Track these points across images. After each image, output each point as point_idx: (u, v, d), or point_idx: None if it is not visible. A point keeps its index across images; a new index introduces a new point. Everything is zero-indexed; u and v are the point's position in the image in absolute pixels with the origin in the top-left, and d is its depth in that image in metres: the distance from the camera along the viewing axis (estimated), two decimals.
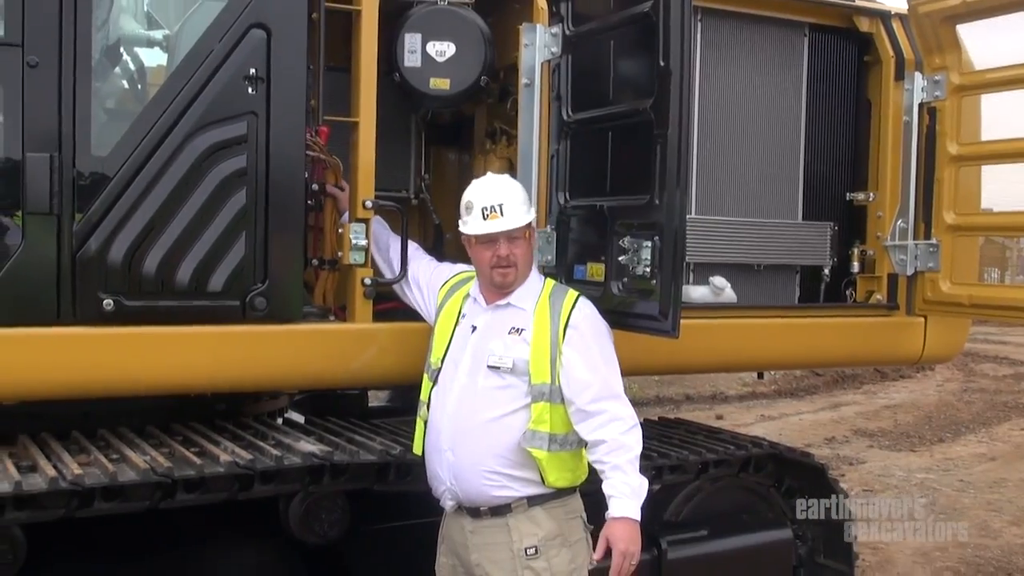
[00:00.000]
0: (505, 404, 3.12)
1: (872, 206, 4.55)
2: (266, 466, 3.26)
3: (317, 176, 3.59)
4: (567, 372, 3.08)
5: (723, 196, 4.29)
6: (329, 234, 3.64)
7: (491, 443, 3.12)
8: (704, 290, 4.14)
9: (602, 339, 3.18)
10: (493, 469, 3.11)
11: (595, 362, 3.10)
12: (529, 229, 3.26)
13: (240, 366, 3.36)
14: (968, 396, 13.88)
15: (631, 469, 3.02)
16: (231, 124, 3.25)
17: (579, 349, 3.10)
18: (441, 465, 3.21)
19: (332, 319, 3.61)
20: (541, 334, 3.12)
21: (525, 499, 3.13)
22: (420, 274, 3.58)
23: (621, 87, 3.53)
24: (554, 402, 3.09)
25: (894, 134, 4.45)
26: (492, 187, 3.27)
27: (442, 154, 4.60)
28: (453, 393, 3.21)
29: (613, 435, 3.03)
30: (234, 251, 3.27)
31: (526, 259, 3.26)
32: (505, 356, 3.13)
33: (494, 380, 3.14)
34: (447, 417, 3.20)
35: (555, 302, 3.18)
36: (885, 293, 4.51)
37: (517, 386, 3.12)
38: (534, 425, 3.09)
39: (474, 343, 3.23)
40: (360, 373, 3.62)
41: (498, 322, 3.22)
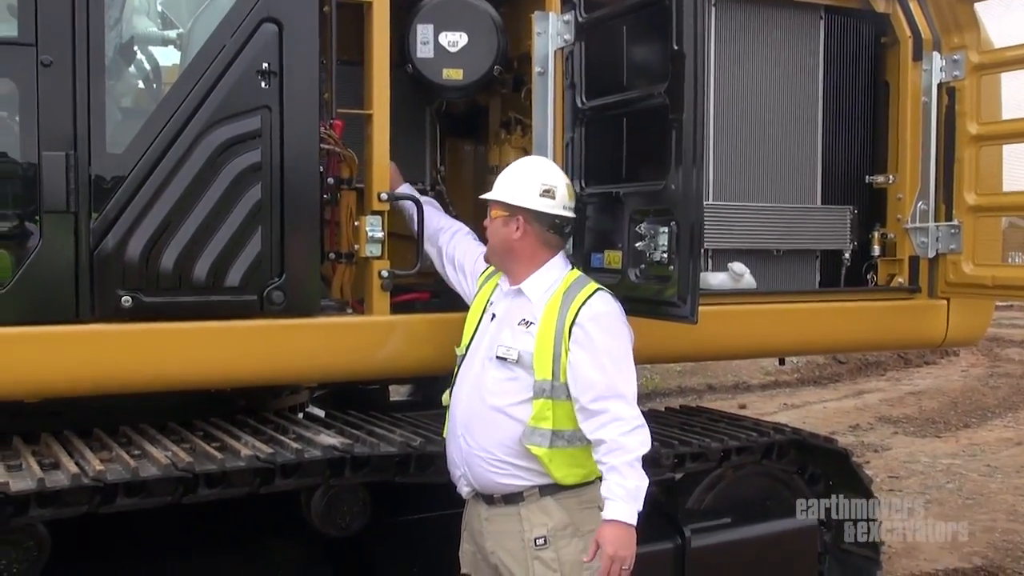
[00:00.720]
0: (513, 394, 3.11)
1: (892, 188, 4.51)
2: (287, 460, 3.27)
3: (332, 170, 3.59)
4: (573, 370, 3.05)
5: (740, 182, 4.26)
6: (345, 227, 3.65)
7: (498, 432, 3.12)
8: (723, 276, 4.12)
9: (613, 338, 3.10)
10: (500, 458, 3.12)
11: (602, 362, 3.04)
12: (500, 212, 3.21)
13: (259, 360, 3.36)
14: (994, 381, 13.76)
15: (628, 471, 2.96)
16: (245, 119, 3.25)
17: (586, 348, 3.05)
18: (456, 451, 3.24)
19: (350, 312, 3.61)
20: (546, 329, 3.09)
21: (537, 488, 3.12)
22: (467, 258, 3.56)
23: (635, 73, 3.51)
24: (557, 399, 3.06)
25: (913, 115, 4.41)
26: (516, 162, 3.34)
27: (457, 145, 4.58)
28: (468, 380, 3.23)
29: (613, 435, 2.98)
30: (251, 246, 3.28)
31: (494, 240, 3.25)
32: (512, 348, 3.12)
33: (503, 371, 3.14)
34: (461, 404, 3.22)
35: (568, 297, 3.12)
36: (907, 276, 4.47)
37: (523, 378, 3.11)
38: (534, 422, 3.07)
39: (491, 332, 3.24)
40: (379, 365, 3.62)
41: (512, 311, 3.22)
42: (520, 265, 3.23)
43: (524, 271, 3.23)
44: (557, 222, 3.23)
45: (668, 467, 4.07)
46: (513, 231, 3.21)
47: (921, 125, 4.39)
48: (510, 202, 3.20)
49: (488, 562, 3.21)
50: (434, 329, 3.60)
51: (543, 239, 3.23)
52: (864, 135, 4.61)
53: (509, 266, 3.26)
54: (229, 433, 3.55)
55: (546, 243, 3.24)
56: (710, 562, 4.19)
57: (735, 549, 4.29)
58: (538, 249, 3.23)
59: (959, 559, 6.34)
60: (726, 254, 4.20)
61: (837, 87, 4.51)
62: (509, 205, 3.20)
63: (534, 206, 3.20)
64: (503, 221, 3.22)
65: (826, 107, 4.45)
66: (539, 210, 3.19)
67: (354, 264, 3.64)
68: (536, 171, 3.27)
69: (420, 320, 3.63)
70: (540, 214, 3.20)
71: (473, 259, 3.55)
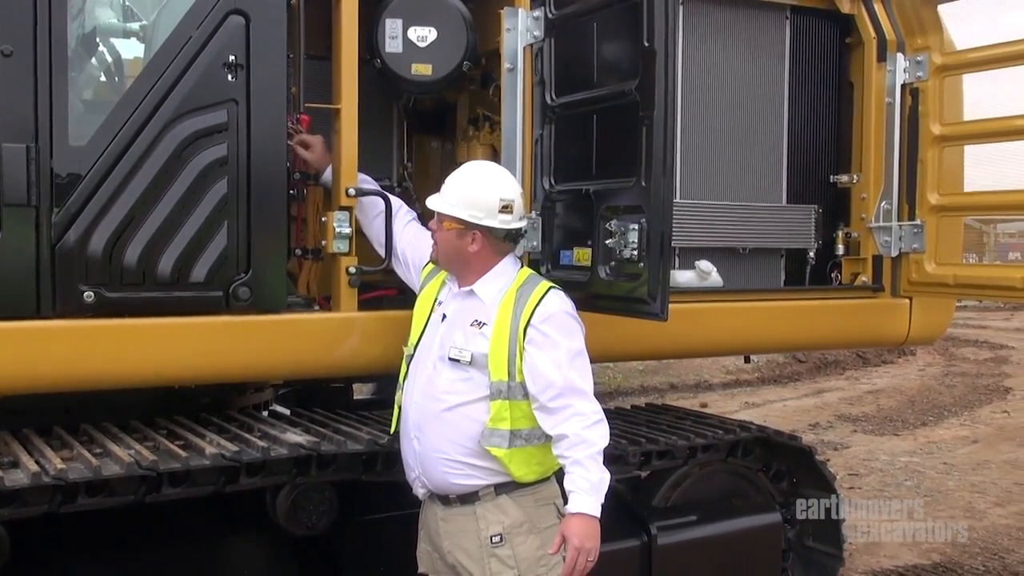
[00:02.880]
0: (466, 393, 3.10)
1: (856, 188, 4.55)
2: (252, 458, 3.24)
3: (299, 165, 3.56)
4: (530, 369, 3.04)
5: (708, 180, 4.28)
6: (312, 223, 3.62)
7: (453, 432, 3.10)
8: (690, 274, 4.14)
9: (568, 335, 3.08)
10: (455, 458, 3.10)
11: (559, 359, 3.04)
12: (454, 225, 3.14)
13: (224, 357, 3.33)
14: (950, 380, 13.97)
15: (592, 464, 2.97)
16: (211, 112, 3.22)
17: (542, 347, 3.04)
18: (410, 452, 3.22)
19: (316, 309, 3.60)
20: (500, 330, 3.08)
21: (492, 487, 3.12)
22: (409, 249, 3.54)
23: (605, 69, 3.51)
24: (514, 399, 3.06)
25: (877, 116, 4.46)
26: (458, 171, 3.26)
27: (424, 142, 4.57)
28: (420, 381, 3.20)
29: (575, 430, 2.99)
30: (216, 241, 3.25)
31: (444, 248, 3.19)
32: (464, 350, 3.10)
33: (456, 371, 3.12)
34: (414, 404, 3.20)
35: (521, 296, 3.11)
36: (870, 275, 4.52)
37: (477, 378, 3.09)
38: (492, 423, 3.06)
39: (442, 333, 3.20)
40: (345, 363, 3.59)
41: (464, 312, 3.19)
42: (471, 271, 3.20)
43: (475, 275, 3.20)
44: (513, 232, 3.20)
45: (634, 465, 4.08)
46: (468, 243, 3.15)
47: (885, 125, 4.44)
48: (468, 220, 3.13)
49: (445, 562, 3.20)
50: (401, 327, 3.56)
51: (496, 248, 3.19)
52: (829, 135, 4.65)
53: (460, 272, 3.23)
54: (193, 431, 3.52)
55: (499, 251, 3.20)
56: (676, 559, 4.21)
57: (701, 546, 4.31)
58: (491, 257, 3.19)
59: (918, 555, 6.43)
60: (693, 252, 4.22)
61: (803, 87, 4.55)
62: (464, 220, 3.13)
63: (494, 223, 3.14)
64: (457, 234, 3.15)
65: (792, 107, 4.49)
66: (497, 227, 3.15)
67: (321, 260, 3.62)
68: (494, 185, 3.18)
69: (387, 317, 3.61)
70: (498, 229, 3.15)
71: (416, 251, 3.52)
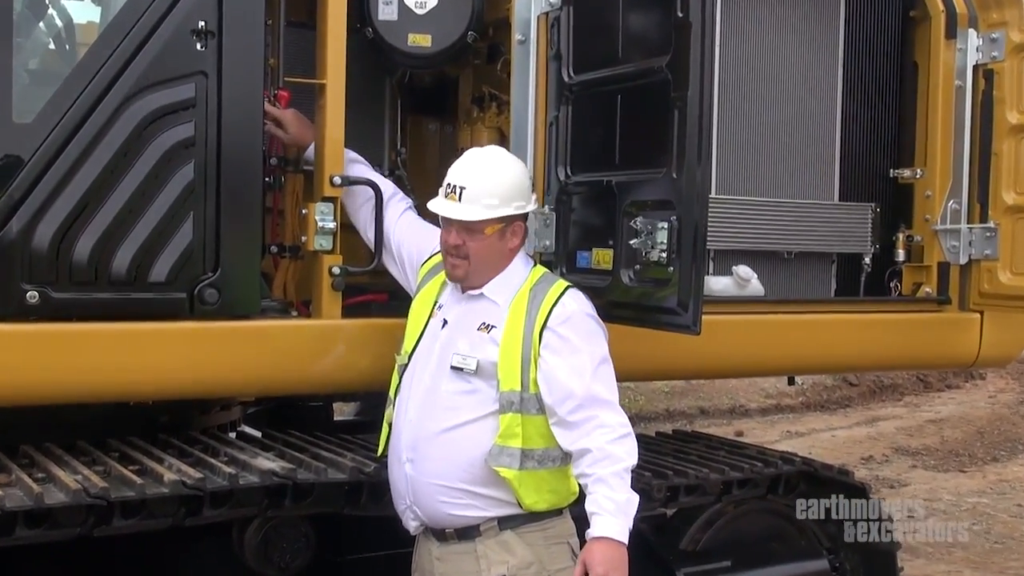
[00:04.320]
0: (470, 410, 3.11)
1: (919, 184, 4.54)
2: (218, 486, 3.24)
3: (276, 148, 3.57)
4: (546, 379, 3.06)
5: (748, 173, 4.27)
6: (291, 216, 3.62)
7: (453, 454, 3.10)
8: (727, 281, 4.13)
9: (589, 339, 3.12)
10: (454, 485, 3.09)
11: (580, 366, 3.06)
12: (496, 226, 3.17)
13: (187, 369, 3.33)
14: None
15: (618, 483, 2.96)
16: (176, 86, 3.22)
17: (560, 352, 3.07)
18: (401, 478, 3.21)
19: (294, 315, 3.59)
20: (512, 333, 3.10)
21: (496, 520, 3.11)
22: (404, 242, 3.55)
23: (632, 43, 3.50)
24: (527, 412, 3.07)
25: (944, 101, 4.45)
26: (469, 163, 3.25)
27: (421, 124, 4.57)
28: (416, 395, 3.21)
29: (599, 443, 2.99)
30: (180, 235, 3.25)
31: (483, 257, 3.19)
32: (470, 357, 3.12)
33: (458, 383, 3.13)
34: (408, 422, 3.20)
35: (536, 296, 3.14)
36: (935, 285, 4.50)
37: (484, 391, 3.10)
38: (502, 440, 3.06)
39: (443, 340, 3.22)
40: (326, 377, 3.59)
41: (469, 316, 3.20)
42: (495, 270, 3.23)
43: (490, 275, 3.22)
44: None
45: (660, 501, 4.07)
46: (510, 240, 3.23)
47: (954, 112, 4.43)
48: (516, 213, 3.20)
49: None
50: (391, 336, 3.56)
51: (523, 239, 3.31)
52: (889, 123, 4.64)
53: (487, 277, 3.23)
54: (150, 454, 3.51)
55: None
56: None
57: None
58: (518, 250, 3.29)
59: None
60: (730, 256, 4.20)
61: (859, 68, 4.54)
62: (507, 216, 3.18)
63: (534, 207, 3.28)
64: (499, 235, 3.18)
65: (846, 90, 4.48)
66: (532, 210, 3.27)
67: (300, 259, 3.63)
68: (515, 165, 3.29)
69: (376, 326, 3.61)
70: (527, 214, 3.26)
71: (413, 246, 3.53)
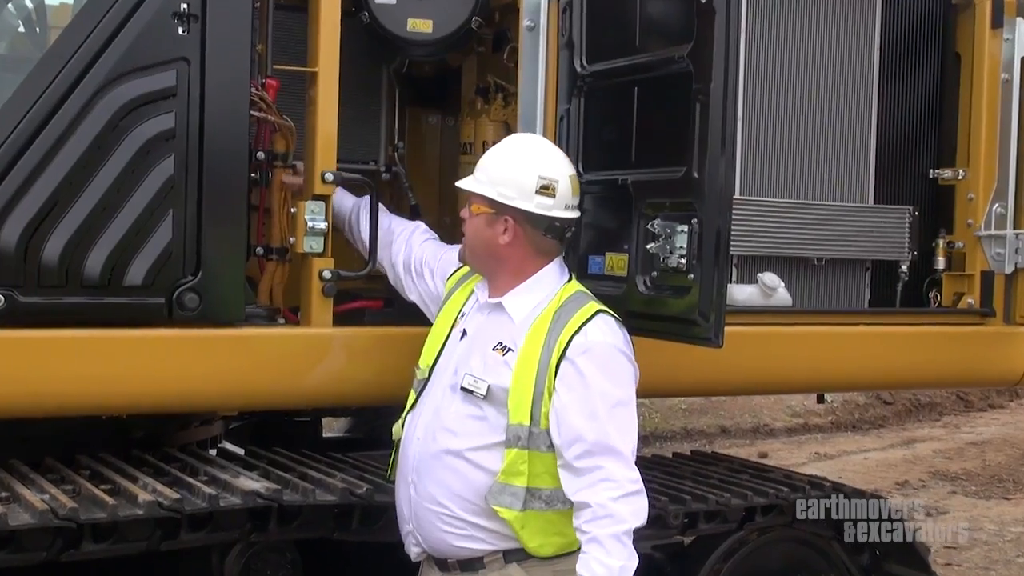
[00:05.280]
0: (477, 436, 3.07)
1: (962, 186, 4.55)
2: (197, 508, 3.23)
3: (263, 141, 3.57)
4: (557, 416, 2.99)
5: (775, 173, 4.29)
6: (279, 215, 3.63)
7: (456, 481, 3.07)
8: (751, 289, 4.13)
9: (609, 376, 3.03)
10: (456, 514, 3.07)
11: (593, 407, 2.98)
12: (484, 208, 3.14)
13: (164, 380, 3.34)
14: None
15: (614, 546, 2.90)
16: (156, 73, 3.23)
17: (574, 388, 2.99)
18: (405, 499, 3.21)
19: (282, 322, 3.60)
20: (527, 361, 3.03)
21: (501, 553, 3.08)
22: (428, 257, 3.54)
23: (651, 30, 3.51)
24: (536, 449, 3.01)
25: (990, 95, 4.47)
26: (507, 144, 3.30)
27: (421, 116, 4.59)
28: (426, 412, 3.19)
29: (600, 499, 2.92)
30: (158, 235, 3.25)
31: (472, 239, 3.20)
32: (481, 380, 3.07)
33: (467, 406, 3.09)
34: (415, 440, 3.18)
35: (559, 321, 3.06)
36: (977, 296, 4.52)
37: (493, 418, 3.06)
38: (505, 477, 3.01)
39: (459, 354, 3.19)
40: (315, 391, 3.60)
41: (488, 330, 3.17)
42: (504, 273, 3.18)
43: (508, 281, 3.18)
44: (556, 225, 3.16)
45: (676, 528, 4.06)
46: (499, 233, 3.13)
47: (1000, 108, 4.44)
48: (497, 199, 3.12)
49: None
50: (387, 347, 3.59)
51: (536, 245, 3.16)
52: (929, 119, 4.66)
53: (491, 272, 3.22)
54: (123, 473, 3.51)
55: (540, 250, 3.17)
56: None
57: None
58: (529, 257, 3.17)
59: None
60: (755, 262, 4.21)
61: (897, 59, 4.56)
62: (495, 202, 3.13)
63: (527, 207, 3.11)
64: (486, 220, 3.14)
65: (882, 83, 4.49)
66: (533, 212, 3.12)
67: (288, 262, 3.63)
68: (533, 159, 3.17)
69: (369, 335, 3.62)
70: (535, 216, 3.13)
71: (437, 257, 3.54)
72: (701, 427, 12.34)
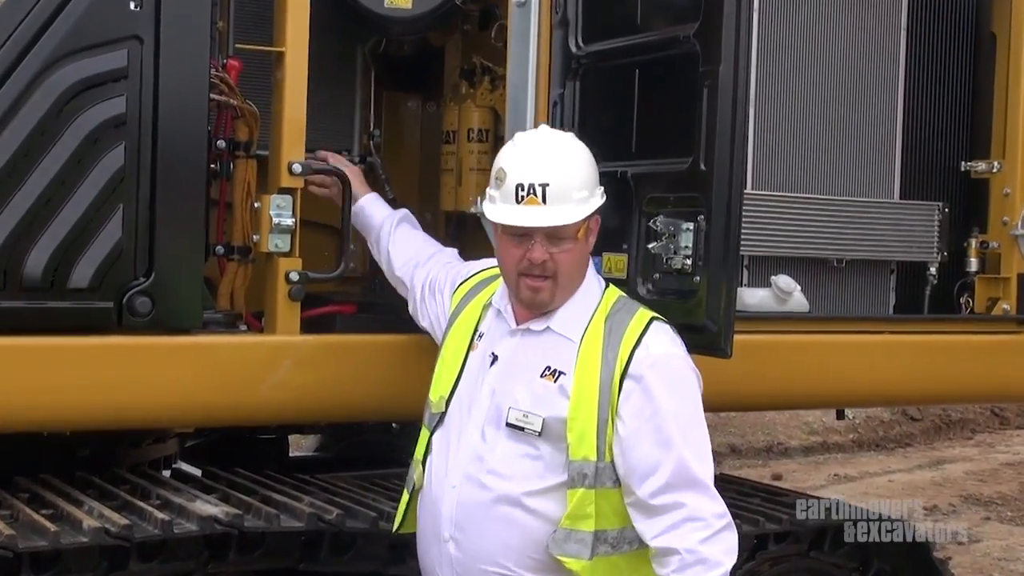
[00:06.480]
0: (534, 479, 2.91)
1: (997, 180, 4.58)
2: (148, 535, 3.22)
3: (224, 129, 3.57)
4: (623, 446, 2.85)
5: (791, 165, 4.30)
6: (241, 210, 3.62)
7: (514, 534, 2.91)
8: (764, 294, 4.14)
9: (681, 394, 2.92)
10: (513, 571, 2.92)
11: (667, 433, 2.85)
12: (588, 224, 2.96)
13: (113, 393, 3.33)
14: None
15: None
16: (105, 53, 3.23)
17: (642, 412, 2.86)
18: (440, 561, 3.01)
19: (244, 329, 3.60)
20: (586, 385, 2.89)
21: None
22: (442, 277, 3.41)
23: (654, 7, 3.54)
24: (602, 486, 2.88)
25: None
26: (540, 153, 2.98)
27: (399, 101, 4.61)
28: (462, 455, 3.00)
29: (690, 543, 2.78)
30: (107, 232, 3.25)
31: (573, 268, 2.97)
32: (533, 414, 2.91)
33: (518, 445, 2.93)
34: (450, 489, 2.99)
35: (613, 331, 2.93)
36: (1013, 301, 4.53)
37: (551, 456, 2.90)
38: (570, 522, 2.87)
39: (494, 384, 3.02)
40: (281, 405, 3.60)
41: (530, 353, 3.00)
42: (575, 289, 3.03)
43: (562, 298, 3.00)
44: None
45: None
46: (590, 240, 3.00)
47: None
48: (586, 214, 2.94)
49: None
50: (360, 357, 3.59)
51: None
52: (961, 106, 4.68)
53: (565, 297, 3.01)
54: (67, 497, 3.51)
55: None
56: None
57: None
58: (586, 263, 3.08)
59: None
60: (768, 263, 4.23)
61: (926, 40, 4.57)
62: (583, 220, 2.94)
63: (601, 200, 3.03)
64: (585, 235, 2.96)
65: (910, 67, 4.51)
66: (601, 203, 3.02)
67: (252, 262, 3.63)
68: (579, 154, 3.04)
69: (340, 344, 3.62)
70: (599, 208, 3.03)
71: (449, 273, 3.41)
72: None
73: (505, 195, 2.93)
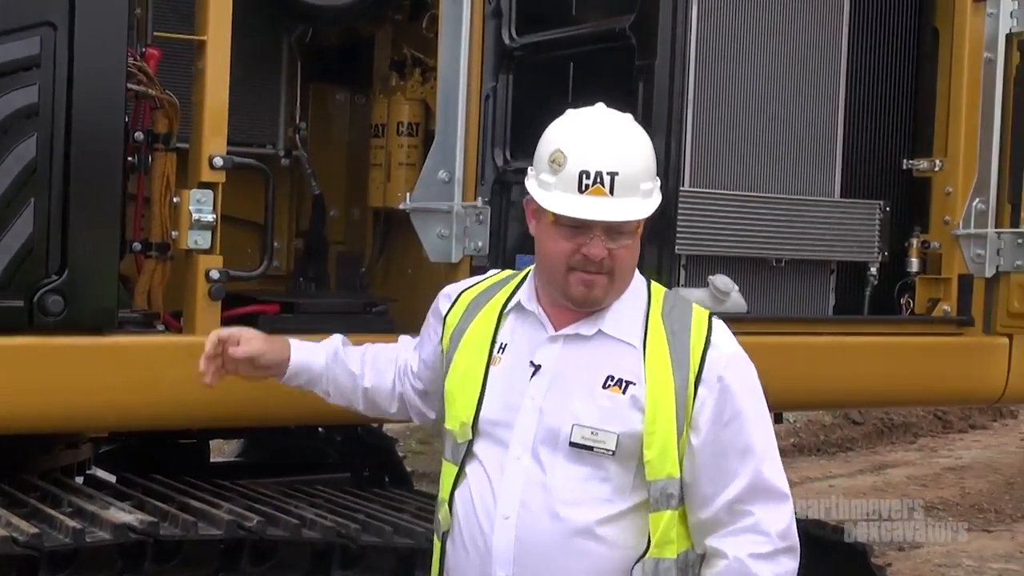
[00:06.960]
0: (606, 504, 2.66)
1: (939, 178, 4.61)
2: (58, 544, 3.20)
3: (142, 120, 3.56)
4: (700, 457, 2.64)
5: (729, 162, 4.32)
6: (159, 205, 3.60)
7: (583, 568, 2.66)
8: (700, 294, 4.15)
9: (754, 397, 2.72)
10: None
11: (747, 440, 2.67)
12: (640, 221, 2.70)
13: (23, 397, 3.31)
14: None
15: None
16: (16, 40, 3.20)
17: (720, 418, 2.65)
18: None
19: (162, 329, 3.59)
20: (662, 392, 2.65)
21: None
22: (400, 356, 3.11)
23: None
24: (681, 505, 2.69)
25: (971, 77, 4.53)
26: (605, 137, 2.69)
27: (326, 93, 4.60)
28: (511, 483, 2.71)
29: (739, 552, 2.61)
30: (17, 228, 3.23)
31: (630, 266, 2.73)
32: (603, 430, 2.64)
33: (583, 467, 2.67)
34: (503, 522, 2.71)
35: (677, 331, 2.71)
36: (954, 303, 4.57)
37: (619, 477, 2.66)
38: (658, 551, 2.64)
39: (541, 398, 2.72)
40: (202, 409, 3.59)
41: (583, 362, 2.73)
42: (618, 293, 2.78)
43: (612, 297, 2.75)
44: None
45: None
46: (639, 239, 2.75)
47: (982, 91, 4.50)
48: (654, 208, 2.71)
49: None
50: None
51: None
52: (903, 103, 4.71)
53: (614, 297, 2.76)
54: None
55: None
56: None
57: None
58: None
59: None
60: (705, 263, 4.25)
61: (868, 36, 4.61)
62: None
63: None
64: (639, 227, 2.71)
65: (851, 62, 4.55)
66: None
67: (170, 259, 3.61)
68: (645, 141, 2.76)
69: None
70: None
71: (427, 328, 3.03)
72: None
73: (565, 182, 2.63)
